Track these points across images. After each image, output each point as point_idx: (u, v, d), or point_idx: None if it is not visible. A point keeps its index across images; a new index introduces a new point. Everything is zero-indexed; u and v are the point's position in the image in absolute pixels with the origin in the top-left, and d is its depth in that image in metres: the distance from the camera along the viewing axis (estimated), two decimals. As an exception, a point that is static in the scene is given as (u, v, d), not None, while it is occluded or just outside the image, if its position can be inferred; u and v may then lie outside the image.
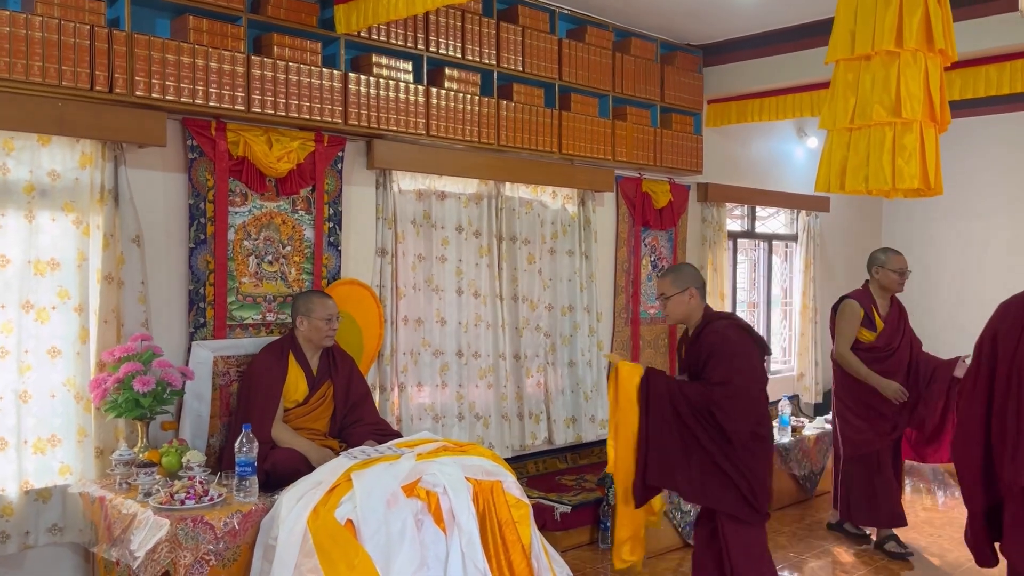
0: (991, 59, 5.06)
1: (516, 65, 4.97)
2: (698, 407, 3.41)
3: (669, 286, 3.63)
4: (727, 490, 3.43)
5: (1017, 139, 7.73)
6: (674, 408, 3.45)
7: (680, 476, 3.47)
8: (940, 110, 2.90)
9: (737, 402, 3.41)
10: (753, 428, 3.43)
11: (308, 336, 3.86)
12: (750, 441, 3.43)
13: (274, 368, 3.79)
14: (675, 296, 3.61)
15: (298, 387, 3.85)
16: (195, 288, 3.91)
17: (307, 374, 3.88)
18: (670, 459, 3.46)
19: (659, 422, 3.46)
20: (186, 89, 3.65)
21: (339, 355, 4.03)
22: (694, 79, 6.08)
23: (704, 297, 3.67)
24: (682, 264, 3.88)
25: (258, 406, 3.70)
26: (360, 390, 4.06)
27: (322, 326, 3.84)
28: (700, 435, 3.42)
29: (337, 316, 3.91)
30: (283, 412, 3.81)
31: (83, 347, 3.58)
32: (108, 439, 3.62)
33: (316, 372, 3.91)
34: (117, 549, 3.14)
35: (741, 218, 7.25)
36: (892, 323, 4.87)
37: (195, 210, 3.90)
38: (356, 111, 4.22)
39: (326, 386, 3.93)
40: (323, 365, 3.95)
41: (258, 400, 3.71)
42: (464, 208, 4.96)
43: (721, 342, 3.48)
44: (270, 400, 3.74)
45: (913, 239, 8.43)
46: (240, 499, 3.27)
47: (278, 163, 4.05)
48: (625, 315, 5.98)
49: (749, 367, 3.50)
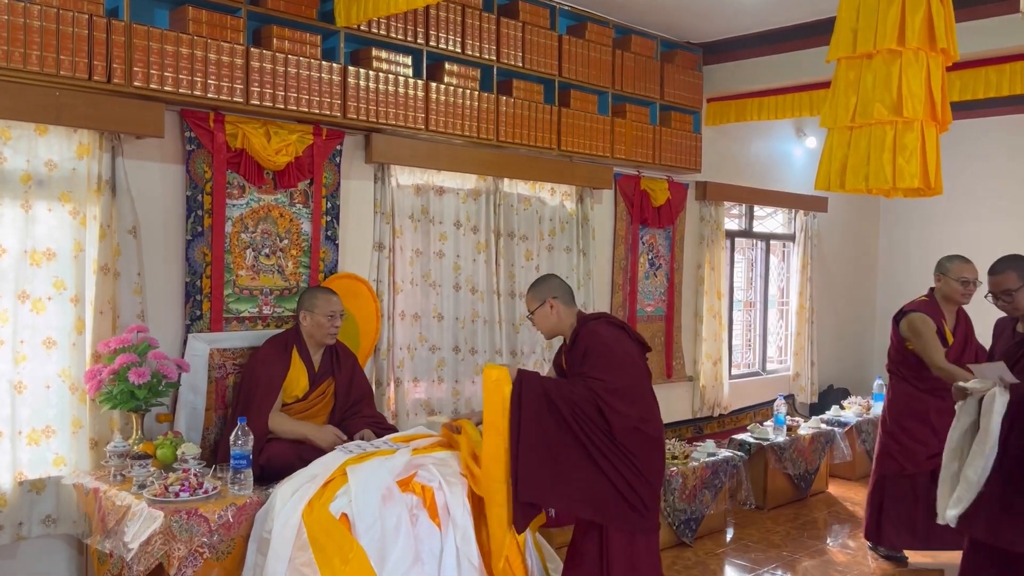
0: (991, 60, 5.06)
1: (516, 61, 4.96)
2: (581, 404, 3.25)
3: (530, 301, 3.58)
4: (612, 498, 3.26)
5: (1016, 142, 7.74)
6: (553, 409, 3.25)
7: (560, 489, 3.23)
8: (941, 109, 2.89)
9: (621, 398, 3.29)
10: (637, 424, 3.29)
11: (310, 332, 3.85)
12: (637, 440, 3.28)
13: (276, 361, 3.78)
14: (538, 310, 3.55)
15: (299, 383, 3.84)
16: (192, 280, 3.90)
17: (309, 370, 3.86)
18: (547, 469, 3.22)
19: (535, 427, 3.23)
20: (184, 80, 3.63)
21: (342, 353, 4.02)
22: (694, 77, 6.08)
23: (571, 303, 3.57)
24: (543, 276, 3.70)
25: (257, 398, 3.68)
26: (361, 389, 4.06)
27: (324, 322, 3.82)
28: (583, 437, 3.24)
29: (341, 313, 3.89)
30: (281, 406, 3.80)
31: (79, 338, 3.56)
32: (103, 431, 3.61)
33: (318, 368, 3.89)
34: (111, 541, 3.13)
35: (739, 217, 7.24)
36: (960, 339, 4.48)
37: (192, 202, 3.88)
38: (355, 105, 4.21)
39: (327, 383, 3.92)
40: (325, 362, 3.93)
41: (257, 392, 3.70)
42: (462, 204, 4.95)
43: (595, 340, 3.40)
44: (269, 393, 3.73)
45: (911, 241, 8.44)
46: (235, 492, 3.26)
47: (276, 156, 4.04)
48: (622, 313, 5.97)
49: (629, 362, 3.40)
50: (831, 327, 8.14)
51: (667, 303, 6.29)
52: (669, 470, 4.76)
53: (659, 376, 6.19)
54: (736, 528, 5.24)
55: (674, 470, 4.79)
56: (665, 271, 6.27)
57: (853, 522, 5.40)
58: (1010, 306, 3.62)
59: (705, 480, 4.96)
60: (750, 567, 4.59)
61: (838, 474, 6.35)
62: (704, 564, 4.60)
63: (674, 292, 6.33)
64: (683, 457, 4.96)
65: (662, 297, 6.26)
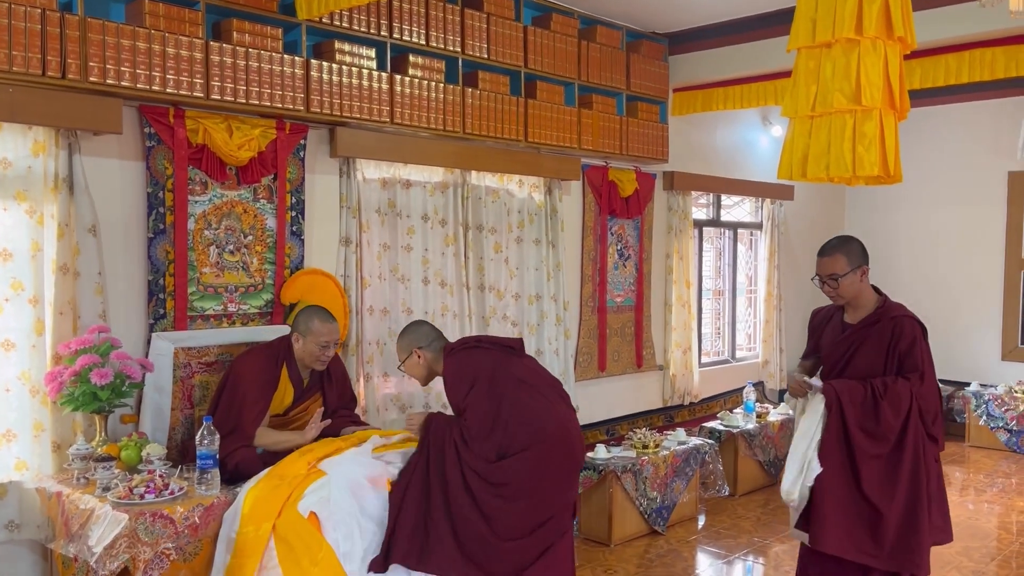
0: (950, 48, 5.13)
1: (481, 52, 4.94)
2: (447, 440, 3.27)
3: (398, 352, 3.69)
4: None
5: (975, 129, 7.86)
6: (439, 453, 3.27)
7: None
8: (900, 98, 2.92)
9: (475, 429, 3.26)
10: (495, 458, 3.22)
11: (300, 356, 3.73)
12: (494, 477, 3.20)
13: (266, 379, 3.64)
14: (406, 361, 3.64)
15: (283, 400, 3.74)
16: (154, 279, 3.84)
17: (296, 387, 3.75)
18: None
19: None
20: (142, 75, 3.57)
21: (334, 366, 3.90)
22: (660, 67, 6.09)
23: (438, 347, 3.59)
24: (408, 326, 3.77)
25: (245, 416, 3.54)
26: (348, 393, 4.03)
27: (316, 352, 3.69)
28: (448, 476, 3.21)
29: (335, 342, 3.75)
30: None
31: (38, 339, 3.49)
32: (65, 433, 3.54)
33: (306, 384, 3.79)
34: (75, 545, 3.08)
35: (707, 206, 7.29)
36: None
37: (153, 199, 3.82)
38: (318, 98, 4.16)
39: (312, 399, 3.82)
40: (314, 378, 3.83)
41: (245, 408, 3.55)
42: (430, 197, 4.92)
43: (448, 374, 3.44)
44: (258, 410, 3.59)
45: (876, 227, 8.55)
46: (202, 492, 3.22)
47: (239, 151, 3.98)
48: (592, 304, 5.99)
49: (483, 389, 3.32)
50: (799, 314, 8.22)
51: (636, 293, 6.32)
52: (640, 459, 4.79)
53: (629, 365, 6.22)
54: (708, 515, 5.29)
55: (645, 459, 4.82)
56: (634, 261, 6.30)
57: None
58: (835, 292, 3.41)
59: (676, 468, 4.99)
60: (723, 554, 4.64)
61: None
62: (677, 552, 4.63)
63: (643, 282, 6.36)
64: (654, 446, 4.99)
65: (631, 287, 6.29)
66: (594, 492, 4.71)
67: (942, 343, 7.43)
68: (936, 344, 8.21)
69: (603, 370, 6.02)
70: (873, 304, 3.45)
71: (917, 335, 3.35)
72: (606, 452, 4.86)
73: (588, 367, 5.94)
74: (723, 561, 4.53)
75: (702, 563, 4.52)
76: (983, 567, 4.44)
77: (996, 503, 5.50)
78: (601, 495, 4.69)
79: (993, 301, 7.76)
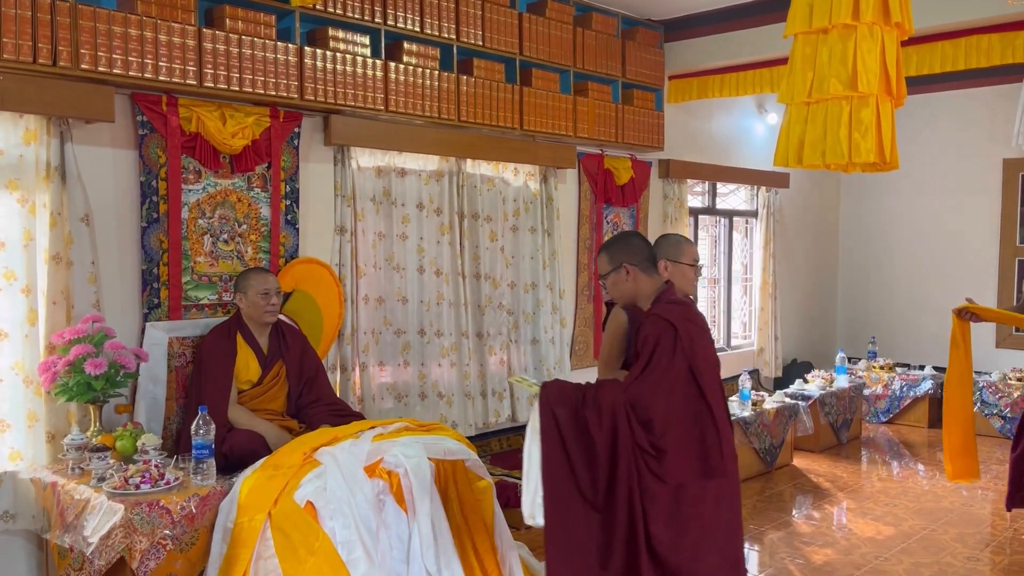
0: (947, 35, 5.11)
1: (476, 39, 4.91)
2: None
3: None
4: None
5: (970, 115, 7.86)
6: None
7: None
8: (896, 84, 2.91)
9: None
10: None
11: (249, 314, 3.78)
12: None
13: (222, 349, 3.71)
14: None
15: (249, 367, 3.77)
16: (148, 268, 3.82)
17: (257, 354, 3.80)
18: None
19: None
20: (135, 63, 3.54)
21: (288, 332, 3.95)
22: (655, 55, 6.07)
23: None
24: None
25: (210, 389, 3.62)
26: (312, 365, 3.99)
27: (259, 301, 3.74)
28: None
29: (277, 291, 3.81)
30: (237, 394, 3.74)
31: (31, 329, 3.48)
32: (60, 423, 3.53)
33: (267, 351, 3.83)
34: (71, 535, 3.07)
35: (702, 194, 7.28)
36: None
37: (147, 188, 3.80)
38: (312, 86, 4.13)
39: (278, 366, 3.86)
40: (273, 344, 3.87)
41: (209, 383, 3.63)
42: (425, 185, 4.90)
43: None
44: (222, 382, 3.66)
45: (871, 214, 8.56)
46: (198, 482, 3.22)
47: (232, 139, 3.96)
48: (588, 292, 5.98)
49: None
50: (794, 302, 8.24)
51: (632, 281, 6.30)
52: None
53: (625, 354, 6.22)
54: (703, 503, 5.29)
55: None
56: (630, 250, 6.28)
57: (817, 494, 5.50)
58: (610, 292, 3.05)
59: (672, 456, 5.00)
60: (717, 541, 4.64)
61: (802, 447, 6.44)
62: (672, 539, 4.64)
63: (639, 270, 6.34)
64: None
65: (627, 276, 6.27)
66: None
67: (936, 330, 7.46)
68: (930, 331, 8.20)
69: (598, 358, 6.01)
70: (649, 303, 2.97)
71: (656, 333, 2.80)
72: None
73: (584, 355, 5.94)
74: (719, 548, 4.55)
75: (698, 550, 4.53)
76: (977, 552, 4.46)
77: (990, 490, 5.52)
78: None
79: (988, 288, 7.77)
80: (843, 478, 5.84)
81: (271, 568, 3.00)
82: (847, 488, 5.62)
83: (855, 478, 5.85)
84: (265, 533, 3.04)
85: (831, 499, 5.40)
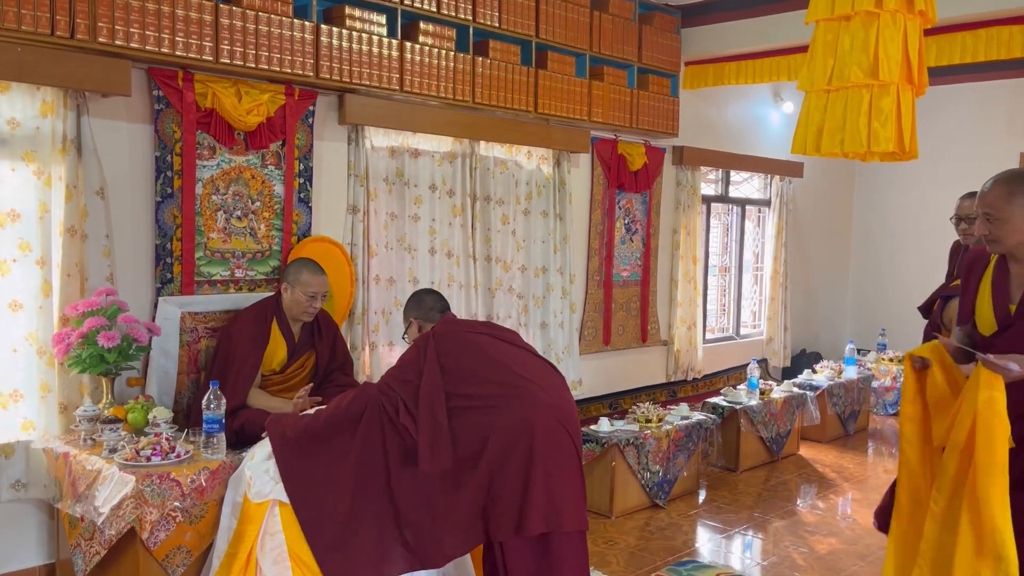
0: (967, 26, 5.06)
1: (492, 21, 4.88)
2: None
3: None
4: None
5: (988, 108, 7.79)
6: None
7: None
8: (918, 73, 2.88)
9: None
10: None
11: (288, 307, 3.75)
12: None
13: (255, 334, 3.68)
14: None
15: (277, 355, 3.75)
16: (162, 243, 3.83)
17: (288, 343, 3.77)
18: None
19: None
20: (151, 37, 3.54)
21: (324, 323, 3.92)
22: (672, 40, 6.03)
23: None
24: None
25: (234, 370, 3.58)
26: (341, 353, 4.00)
27: (303, 301, 3.70)
28: None
29: (324, 295, 3.76)
30: (260, 379, 3.74)
31: (45, 301, 3.50)
32: (72, 395, 3.56)
33: (298, 340, 3.80)
34: (82, 505, 3.10)
35: (715, 182, 7.25)
36: None
37: (161, 163, 3.80)
38: (328, 64, 4.12)
39: (306, 356, 3.83)
40: (305, 335, 3.84)
41: (233, 367, 3.59)
42: (438, 167, 4.89)
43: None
44: (250, 368, 3.63)
45: (884, 206, 8.51)
46: (208, 456, 3.24)
47: (247, 116, 3.95)
48: (598, 277, 5.98)
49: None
50: (804, 292, 8.21)
51: (643, 268, 6.30)
52: (643, 433, 4.81)
53: (634, 340, 6.22)
54: (709, 490, 5.31)
55: (648, 433, 4.83)
56: (641, 236, 6.27)
57: (823, 483, 5.50)
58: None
59: (679, 443, 5.01)
60: (722, 528, 4.66)
61: (809, 437, 6.44)
62: (677, 525, 4.66)
63: (650, 257, 6.34)
64: (657, 421, 5.00)
65: (638, 262, 6.27)
66: (597, 465, 4.73)
67: (947, 324, 7.42)
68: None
69: (608, 344, 6.03)
70: None
71: None
72: (609, 425, 4.87)
73: (593, 341, 5.94)
74: (722, 535, 4.56)
75: (702, 537, 4.55)
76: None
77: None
78: (604, 468, 4.71)
79: (1000, 283, 7.71)
80: (849, 469, 5.85)
81: (278, 543, 3.03)
82: (853, 479, 5.62)
83: (861, 469, 5.85)
84: (273, 509, 3.06)
85: (836, 489, 5.40)
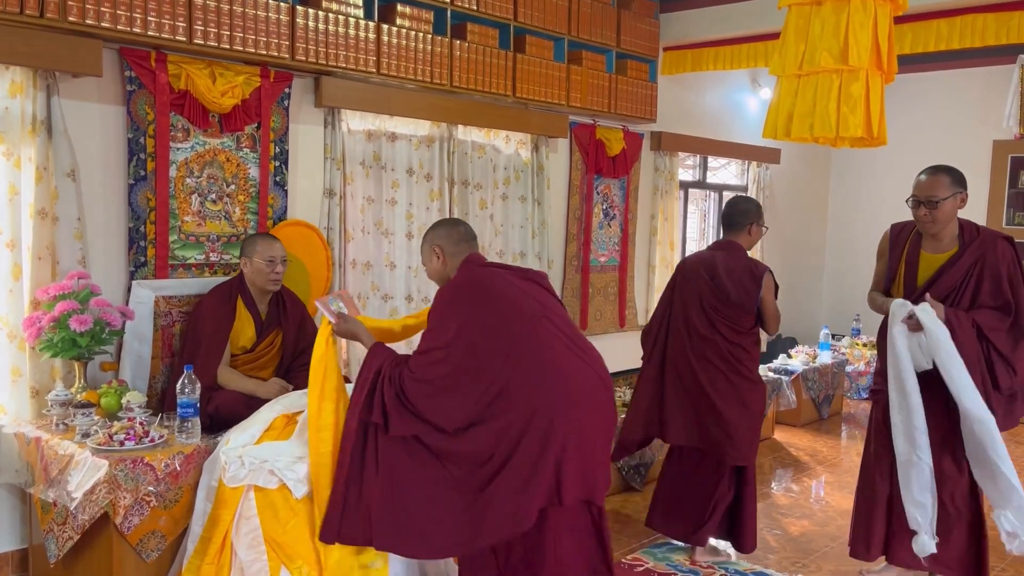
0: (942, 13, 5.09)
1: (470, 4, 4.85)
2: None
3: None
4: None
5: (962, 96, 7.86)
6: None
7: None
8: (887, 60, 2.91)
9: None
10: None
11: (252, 279, 3.76)
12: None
13: (221, 312, 3.69)
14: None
15: (245, 333, 3.76)
16: (135, 226, 3.80)
17: (255, 320, 3.78)
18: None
19: None
20: (123, 16, 3.49)
21: (290, 301, 3.93)
22: (650, 25, 6.03)
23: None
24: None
25: (203, 350, 3.60)
26: (309, 338, 3.98)
27: (264, 268, 3.72)
28: None
29: (283, 259, 3.78)
30: (230, 358, 3.74)
31: (15, 284, 3.46)
32: (44, 379, 3.53)
33: (265, 318, 3.82)
34: (54, 490, 3.08)
35: (693, 168, 7.28)
36: None
37: (134, 145, 3.77)
38: (304, 46, 4.09)
39: (274, 334, 3.84)
40: (272, 312, 3.85)
41: (203, 344, 3.61)
42: (415, 150, 4.88)
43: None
44: (216, 344, 3.65)
45: (860, 192, 8.58)
46: (182, 440, 3.23)
47: (222, 98, 3.92)
48: (576, 263, 5.99)
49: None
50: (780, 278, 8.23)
51: (621, 253, 6.33)
52: (620, 418, 4.84)
53: (612, 325, 6.25)
54: (684, 473, 5.35)
55: (623, 417, 4.86)
56: (619, 221, 6.29)
57: (797, 467, 5.57)
58: None
59: (654, 427, 5.04)
60: (696, 510, 4.71)
61: (784, 421, 6.52)
62: (652, 508, 4.70)
63: (628, 242, 6.36)
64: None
65: (616, 247, 6.29)
66: (573, 448, 4.75)
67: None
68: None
69: (585, 329, 6.05)
70: None
71: None
72: (586, 409, 4.89)
73: (570, 325, 5.96)
74: (698, 517, 4.61)
75: (677, 519, 4.59)
76: None
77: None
78: (580, 451, 4.73)
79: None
80: (823, 452, 5.92)
81: (252, 527, 3.03)
82: (826, 462, 5.69)
83: (834, 452, 5.93)
84: (248, 493, 3.07)
85: (810, 472, 5.47)
